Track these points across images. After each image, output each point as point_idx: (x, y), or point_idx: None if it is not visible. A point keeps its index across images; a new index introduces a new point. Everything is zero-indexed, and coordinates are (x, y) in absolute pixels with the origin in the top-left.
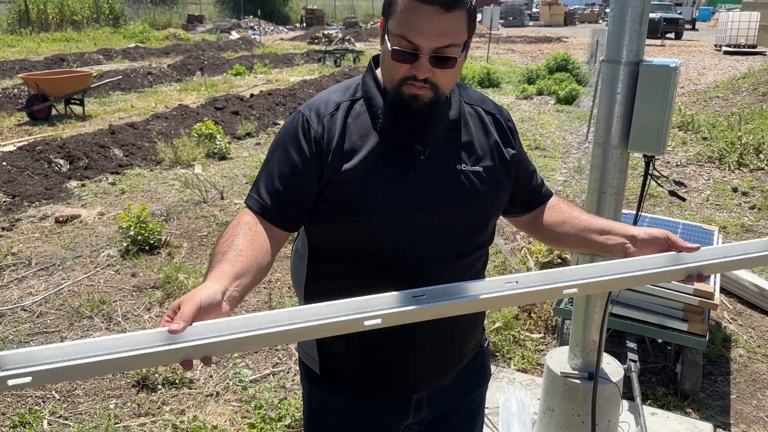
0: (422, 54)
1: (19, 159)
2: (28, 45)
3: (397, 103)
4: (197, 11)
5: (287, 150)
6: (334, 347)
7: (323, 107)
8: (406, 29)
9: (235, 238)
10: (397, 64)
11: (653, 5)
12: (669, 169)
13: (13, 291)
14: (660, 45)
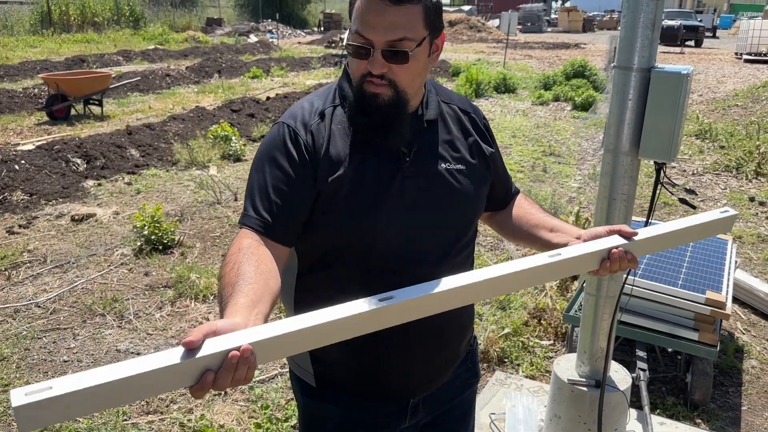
0: (375, 48)
1: (37, 158)
2: (49, 46)
3: (359, 100)
4: (216, 14)
5: (278, 162)
6: (329, 356)
7: (308, 116)
8: (360, 25)
9: (241, 266)
10: (355, 61)
11: (672, 12)
12: (685, 178)
13: (28, 287)
14: (679, 53)
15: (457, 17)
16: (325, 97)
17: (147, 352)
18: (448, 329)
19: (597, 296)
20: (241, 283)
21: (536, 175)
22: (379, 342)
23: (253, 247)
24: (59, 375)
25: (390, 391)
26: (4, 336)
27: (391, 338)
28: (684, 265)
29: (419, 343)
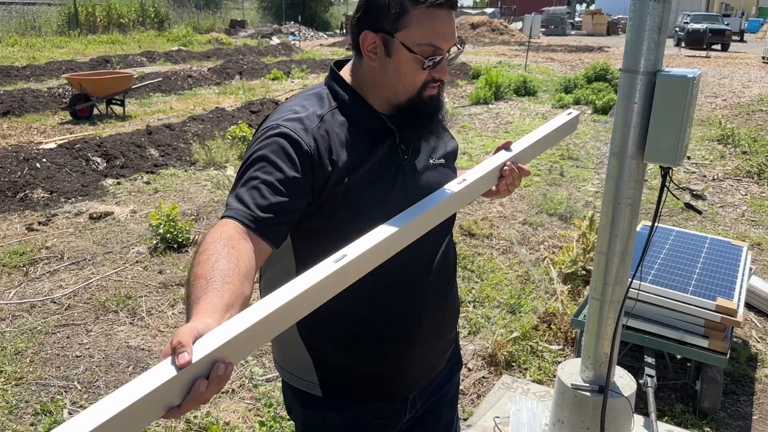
0: (444, 56)
1: (58, 156)
2: (75, 46)
3: (421, 108)
4: (240, 16)
5: (275, 163)
6: (335, 362)
7: (307, 120)
8: (433, 37)
9: (219, 260)
10: (420, 72)
11: (699, 16)
12: (705, 183)
13: (44, 283)
14: (705, 57)
15: (479, 20)
16: (319, 101)
17: (158, 348)
18: (448, 314)
19: (602, 301)
20: (218, 279)
21: (553, 178)
22: (385, 339)
23: (234, 239)
24: (71, 369)
25: (396, 389)
26: (20, 331)
27: (396, 332)
28: (696, 272)
29: (422, 333)
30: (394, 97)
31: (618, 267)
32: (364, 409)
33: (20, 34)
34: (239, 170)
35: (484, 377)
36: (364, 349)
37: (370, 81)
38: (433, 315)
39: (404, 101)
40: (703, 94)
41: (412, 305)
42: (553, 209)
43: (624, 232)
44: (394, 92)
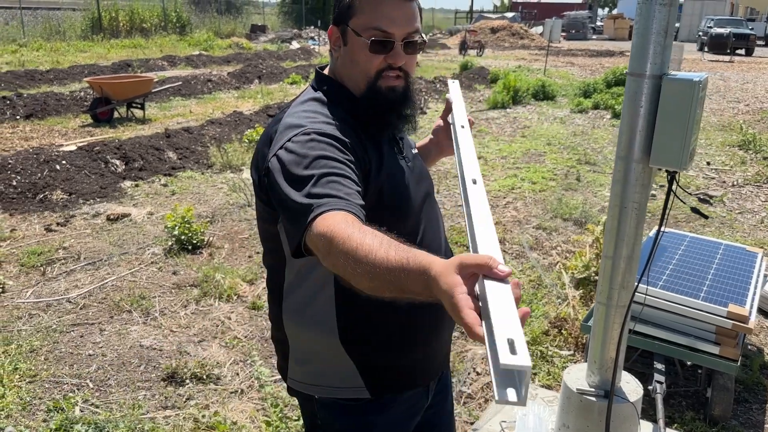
0: (396, 41)
1: (78, 158)
2: (98, 50)
3: (378, 98)
4: (261, 21)
5: (332, 157)
6: (378, 358)
7: (326, 126)
8: (380, 20)
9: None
10: (373, 56)
11: (722, 20)
12: (724, 189)
13: (61, 283)
14: (728, 61)
15: (499, 24)
16: (321, 106)
17: (170, 348)
18: None
19: (607, 305)
20: (395, 240)
21: (569, 183)
22: (421, 328)
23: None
24: (84, 368)
25: (429, 373)
26: (36, 329)
27: (430, 319)
28: (708, 278)
29: (445, 318)
30: (356, 87)
31: (624, 271)
32: (401, 400)
33: (45, 39)
34: (285, 176)
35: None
36: (405, 340)
37: (340, 73)
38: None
39: (364, 90)
40: (726, 99)
41: None
42: (568, 214)
43: (630, 237)
44: (355, 81)
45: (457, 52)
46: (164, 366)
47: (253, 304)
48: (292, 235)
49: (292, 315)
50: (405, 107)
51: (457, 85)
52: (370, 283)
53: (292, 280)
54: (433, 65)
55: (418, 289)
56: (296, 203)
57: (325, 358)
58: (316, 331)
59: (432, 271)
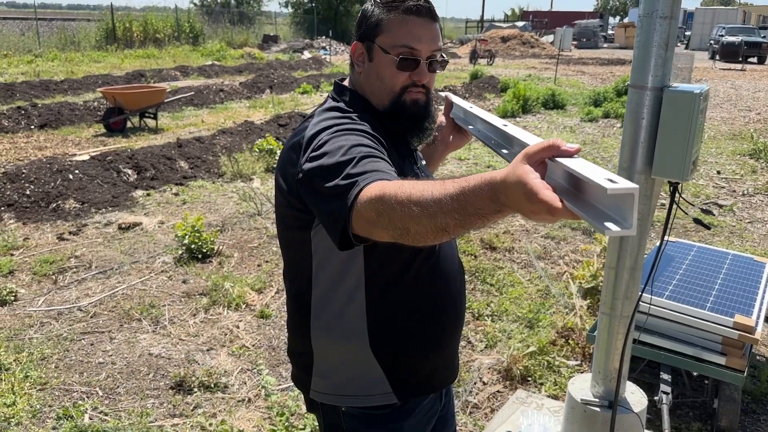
0: (422, 59)
1: (90, 168)
2: (112, 61)
3: (402, 112)
4: (273, 31)
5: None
6: (405, 362)
7: (354, 124)
8: (407, 38)
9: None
10: (399, 73)
11: (734, 28)
12: (734, 198)
13: (72, 291)
14: (740, 69)
15: (510, 33)
16: (340, 111)
17: (178, 357)
18: (464, 309)
19: (611, 316)
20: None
21: None
22: (444, 331)
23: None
24: (94, 376)
25: (448, 376)
26: (47, 337)
27: (450, 324)
28: (715, 288)
29: (461, 322)
30: (380, 102)
31: (627, 282)
32: (423, 405)
33: (60, 49)
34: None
35: (498, 391)
36: (430, 343)
37: (362, 87)
38: (463, 309)
39: (388, 105)
40: (737, 107)
41: (457, 296)
42: (577, 223)
43: (633, 247)
44: (379, 96)
45: (468, 61)
46: (173, 374)
47: (261, 312)
48: (336, 219)
49: (322, 330)
50: (426, 120)
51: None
52: (432, 220)
53: (320, 294)
54: (443, 74)
55: (485, 203)
56: (338, 187)
57: (352, 367)
58: (347, 341)
59: (497, 177)
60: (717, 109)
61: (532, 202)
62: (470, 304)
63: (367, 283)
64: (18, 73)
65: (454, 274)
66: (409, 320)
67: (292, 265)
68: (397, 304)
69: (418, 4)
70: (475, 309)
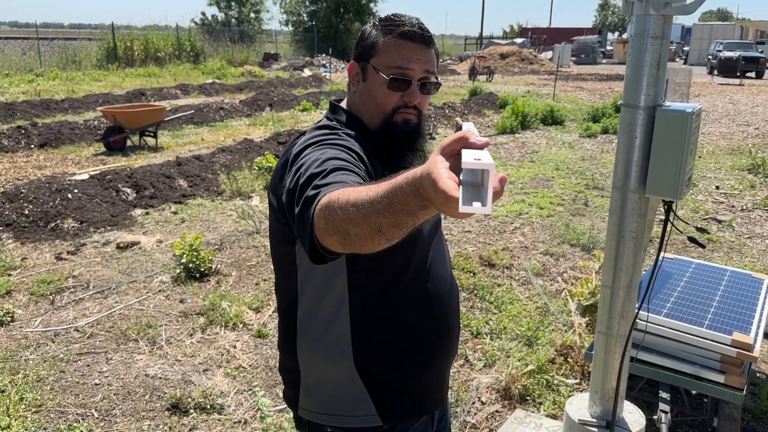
0: (413, 80)
1: (90, 187)
2: (113, 79)
3: (393, 130)
4: (273, 49)
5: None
6: (391, 383)
7: (339, 140)
8: (400, 61)
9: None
10: (391, 94)
11: (732, 44)
12: (733, 213)
13: (69, 312)
14: (738, 84)
15: (509, 50)
16: (330, 129)
17: (175, 377)
18: (457, 330)
19: (607, 335)
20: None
21: (577, 208)
22: (433, 353)
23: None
24: (89, 397)
25: (437, 399)
26: (43, 358)
27: (440, 346)
28: (713, 305)
29: (453, 345)
30: (372, 122)
31: (623, 301)
32: (412, 428)
33: (61, 68)
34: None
35: (497, 411)
36: (417, 365)
37: (356, 107)
38: (456, 331)
39: (379, 124)
40: (735, 122)
41: (448, 316)
42: (576, 239)
43: (629, 266)
44: (371, 116)
45: (467, 78)
46: (169, 395)
47: (258, 332)
48: (304, 233)
49: (307, 345)
50: (417, 140)
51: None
52: (366, 221)
53: (306, 309)
54: (442, 91)
55: (410, 198)
56: (307, 199)
57: (337, 386)
58: (331, 359)
59: (418, 171)
60: (715, 124)
61: (435, 191)
62: (469, 321)
63: (350, 300)
64: (19, 92)
65: (445, 294)
66: (395, 340)
67: (281, 279)
68: (383, 323)
69: (413, 30)
70: (473, 327)
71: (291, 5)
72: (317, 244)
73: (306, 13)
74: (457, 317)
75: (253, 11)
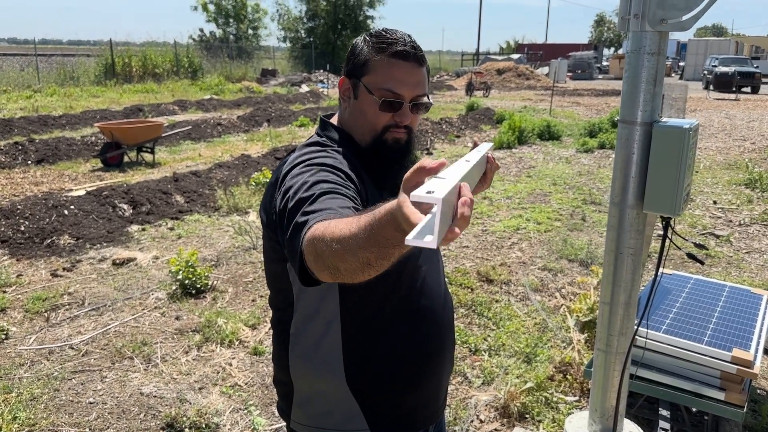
0: (405, 102)
1: (86, 203)
2: (111, 95)
3: (382, 149)
4: (271, 65)
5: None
6: (382, 399)
7: (328, 159)
8: (391, 82)
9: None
10: (382, 114)
11: (727, 59)
12: (731, 228)
13: (64, 329)
14: (734, 99)
15: (505, 65)
16: (320, 147)
17: (170, 396)
18: (451, 345)
19: (607, 352)
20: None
21: (574, 223)
22: (424, 370)
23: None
24: (83, 416)
25: (429, 416)
26: (37, 376)
27: (431, 363)
28: (713, 321)
29: (445, 363)
30: (362, 139)
31: (622, 318)
32: None
33: (59, 84)
34: (288, 205)
35: (496, 429)
36: (410, 381)
37: (347, 123)
38: (450, 345)
39: (369, 141)
40: (731, 137)
41: (441, 333)
42: (574, 255)
43: (627, 283)
44: (362, 133)
45: (464, 93)
46: (164, 414)
47: (254, 349)
48: (294, 258)
49: (299, 359)
50: (406, 158)
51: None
52: (354, 256)
53: (299, 323)
54: (440, 106)
55: (392, 232)
56: (296, 225)
57: (329, 400)
58: (323, 374)
59: (394, 204)
60: (712, 139)
61: (402, 217)
62: (467, 338)
63: (342, 316)
64: (17, 108)
65: (439, 308)
66: (387, 357)
67: (274, 293)
68: (375, 341)
69: (405, 50)
70: (471, 343)
71: (289, 22)
72: (308, 271)
73: (304, 29)
74: (451, 331)
75: (251, 28)
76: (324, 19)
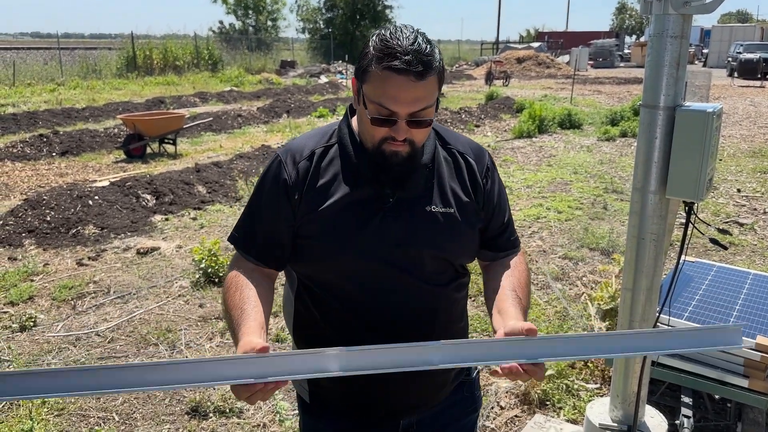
0: (399, 119)
1: (110, 194)
2: (133, 88)
3: (378, 159)
4: (290, 57)
5: (264, 192)
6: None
7: (298, 153)
8: (383, 98)
9: (244, 290)
10: (375, 127)
11: (752, 45)
12: (755, 216)
13: (90, 317)
14: (759, 87)
15: (525, 54)
16: (322, 136)
17: None
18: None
19: None
20: (248, 306)
21: (596, 212)
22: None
23: (248, 270)
24: (110, 401)
25: (377, 410)
26: (64, 362)
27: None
28: (736, 308)
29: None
30: (365, 142)
31: (644, 304)
32: (349, 425)
33: (82, 78)
34: (253, 189)
35: (516, 416)
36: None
37: (357, 121)
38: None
39: (370, 148)
40: (756, 124)
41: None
42: (595, 243)
43: (649, 268)
44: (364, 137)
45: (483, 83)
46: (188, 399)
47: (276, 336)
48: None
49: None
50: (405, 172)
51: None
52: (224, 314)
53: (288, 290)
54: (459, 96)
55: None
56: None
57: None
58: (289, 330)
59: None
60: (736, 126)
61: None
62: (487, 326)
63: (296, 294)
64: (41, 101)
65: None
66: (326, 340)
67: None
68: (317, 320)
69: (400, 66)
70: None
71: (307, 13)
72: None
73: (322, 20)
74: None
75: (270, 19)
76: (342, 10)
